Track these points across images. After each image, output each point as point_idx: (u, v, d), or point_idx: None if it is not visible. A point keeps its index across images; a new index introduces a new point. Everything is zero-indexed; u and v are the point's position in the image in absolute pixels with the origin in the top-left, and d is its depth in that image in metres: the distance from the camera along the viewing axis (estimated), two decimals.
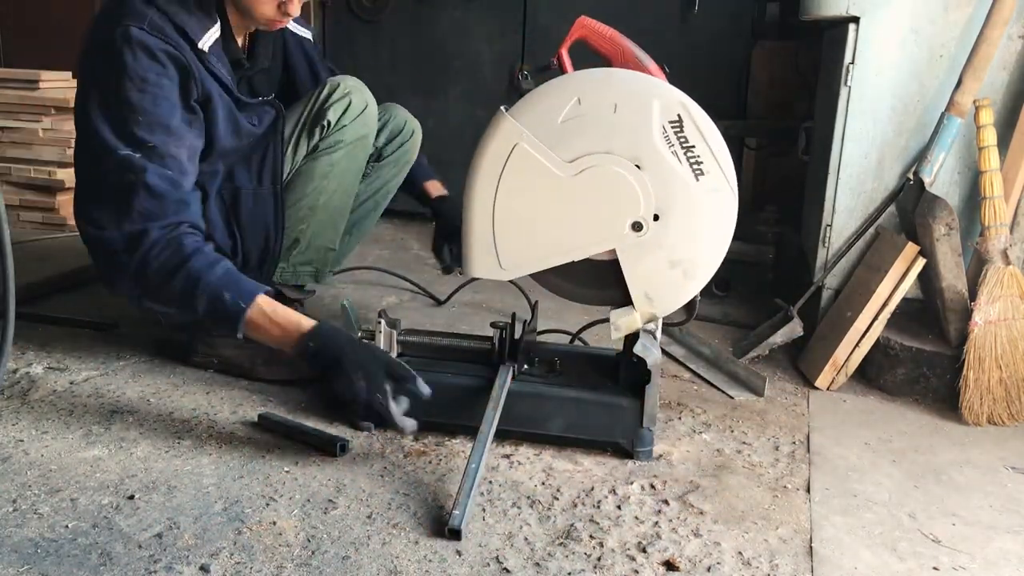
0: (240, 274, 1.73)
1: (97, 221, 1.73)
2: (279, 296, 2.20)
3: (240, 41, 1.94)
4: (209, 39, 1.79)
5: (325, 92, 1.97)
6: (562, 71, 1.79)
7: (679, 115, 1.55)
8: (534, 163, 1.59)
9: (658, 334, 1.71)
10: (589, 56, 1.77)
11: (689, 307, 1.73)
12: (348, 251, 2.39)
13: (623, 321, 1.67)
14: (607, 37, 1.75)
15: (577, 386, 1.75)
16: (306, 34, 2.18)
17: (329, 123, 1.96)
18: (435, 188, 2.33)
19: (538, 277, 1.71)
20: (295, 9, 1.81)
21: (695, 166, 1.56)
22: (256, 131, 1.92)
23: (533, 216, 1.62)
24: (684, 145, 1.55)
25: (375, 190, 2.29)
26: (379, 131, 2.17)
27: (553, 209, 1.61)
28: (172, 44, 1.72)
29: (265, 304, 1.67)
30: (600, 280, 1.69)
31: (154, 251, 1.69)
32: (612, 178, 1.58)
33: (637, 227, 1.60)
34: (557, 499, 1.54)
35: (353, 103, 1.97)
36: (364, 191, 2.26)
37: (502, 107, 1.60)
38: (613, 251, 1.63)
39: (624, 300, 1.67)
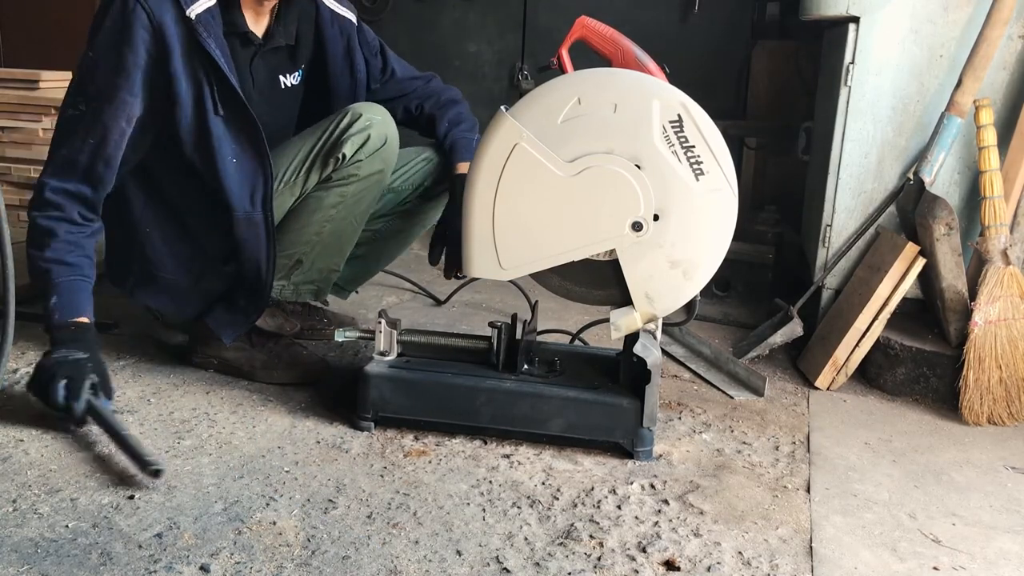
0: (81, 285, 1.80)
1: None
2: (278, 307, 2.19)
3: (254, 15, 1.89)
4: (199, 7, 1.75)
5: (345, 122, 1.88)
6: (562, 71, 1.79)
7: (679, 115, 1.55)
8: (534, 163, 1.59)
9: (658, 334, 1.72)
10: (589, 56, 1.77)
11: (689, 307, 1.73)
12: (373, 273, 2.37)
13: (623, 321, 1.67)
14: (607, 37, 1.75)
15: (577, 386, 1.75)
16: (346, 14, 2.07)
17: (344, 156, 1.88)
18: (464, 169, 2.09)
19: (538, 277, 1.71)
20: None
21: (695, 166, 1.56)
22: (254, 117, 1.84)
23: (533, 216, 1.62)
24: (684, 145, 1.55)
25: (415, 223, 2.25)
26: (430, 173, 2.15)
27: (553, 209, 1.61)
28: (154, 14, 1.72)
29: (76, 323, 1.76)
30: (600, 280, 1.69)
31: (43, 211, 1.81)
32: (612, 178, 1.58)
33: (637, 227, 1.60)
34: (557, 499, 1.54)
35: (372, 138, 1.89)
36: (405, 224, 2.23)
37: (502, 107, 1.60)
38: (613, 251, 1.63)
39: (624, 300, 1.67)
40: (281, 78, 2.01)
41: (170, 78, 1.75)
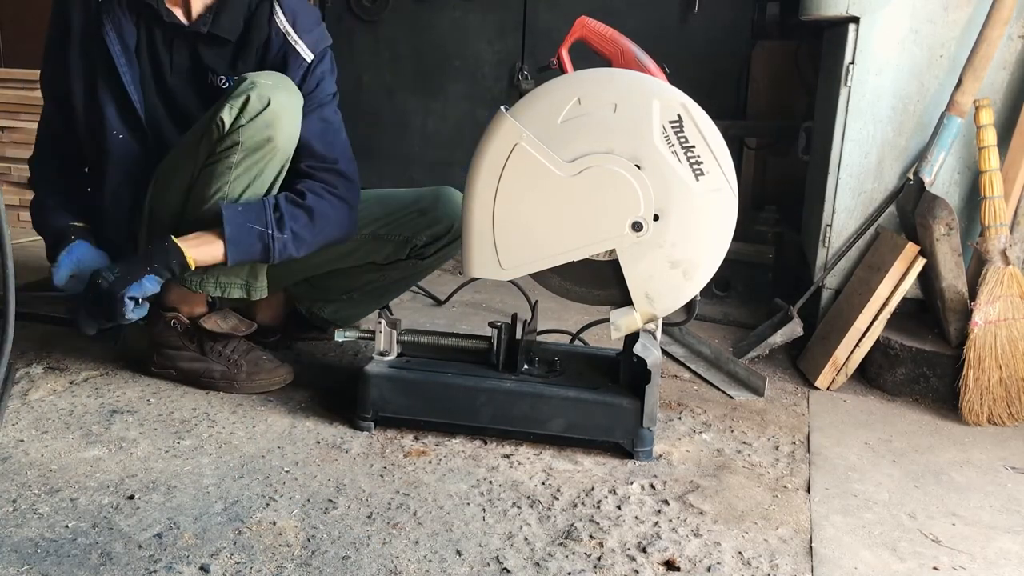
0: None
1: None
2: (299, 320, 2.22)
3: (196, 5, 1.84)
4: None
5: (231, 88, 1.78)
6: (562, 71, 1.79)
7: (679, 115, 1.55)
8: (534, 163, 1.59)
9: (658, 334, 1.71)
10: (589, 56, 1.77)
11: (689, 307, 1.73)
12: (364, 315, 2.31)
13: (623, 321, 1.67)
14: (607, 37, 1.75)
15: (577, 386, 1.75)
16: (302, 50, 1.88)
17: (223, 121, 1.74)
18: None
19: (538, 277, 1.71)
20: None
21: (695, 166, 1.56)
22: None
23: (533, 216, 1.62)
24: (684, 145, 1.55)
25: (403, 278, 2.22)
26: (422, 230, 2.08)
27: (553, 209, 1.61)
28: None
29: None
30: (600, 280, 1.69)
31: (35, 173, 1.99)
32: (612, 178, 1.58)
33: (637, 227, 1.60)
34: (557, 499, 1.54)
35: (251, 100, 1.73)
36: (393, 278, 2.19)
37: (502, 107, 1.60)
38: (613, 251, 1.63)
39: (624, 300, 1.67)
40: (211, 75, 1.90)
41: (101, 51, 1.85)
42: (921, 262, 2.09)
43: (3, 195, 1.68)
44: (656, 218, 1.59)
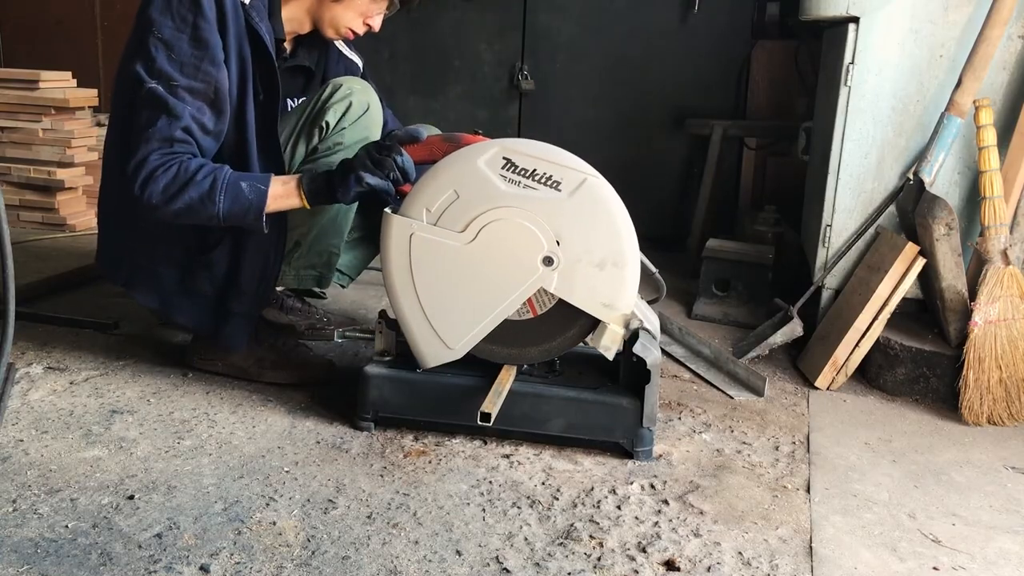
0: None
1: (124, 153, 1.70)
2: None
3: (288, 39, 1.93)
4: None
5: (326, 93, 1.91)
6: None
7: (504, 158, 1.60)
8: (434, 244, 1.64)
9: (657, 334, 1.71)
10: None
11: (654, 284, 1.75)
12: (373, 255, 2.35)
13: (606, 340, 1.67)
14: (417, 150, 1.77)
15: (577, 386, 1.75)
16: (354, 57, 2.17)
17: (328, 124, 1.91)
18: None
19: (520, 357, 1.73)
20: (378, 24, 1.94)
21: (548, 182, 1.61)
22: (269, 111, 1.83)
23: (456, 290, 1.66)
24: (527, 175, 1.61)
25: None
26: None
27: (470, 275, 1.65)
28: None
29: (276, 180, 1.72)
30: (564, 322, 1.70)
31: (157, 172, 1.65)
32: (507, 226, 1.62)
33: (548, 261, 1.63)
34: (557, 499, 1.55)
35: (354, 105, 1.92)
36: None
37: (386, 209, 1.66)
38: (552, 295, 1.65)
39: (593, 322, 1.68)
40: (289, 101, 2.03)
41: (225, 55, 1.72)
42: (921, 262, 2.09)
43: (3, 195, 1.66)
44: (558, 243, 1.63)
